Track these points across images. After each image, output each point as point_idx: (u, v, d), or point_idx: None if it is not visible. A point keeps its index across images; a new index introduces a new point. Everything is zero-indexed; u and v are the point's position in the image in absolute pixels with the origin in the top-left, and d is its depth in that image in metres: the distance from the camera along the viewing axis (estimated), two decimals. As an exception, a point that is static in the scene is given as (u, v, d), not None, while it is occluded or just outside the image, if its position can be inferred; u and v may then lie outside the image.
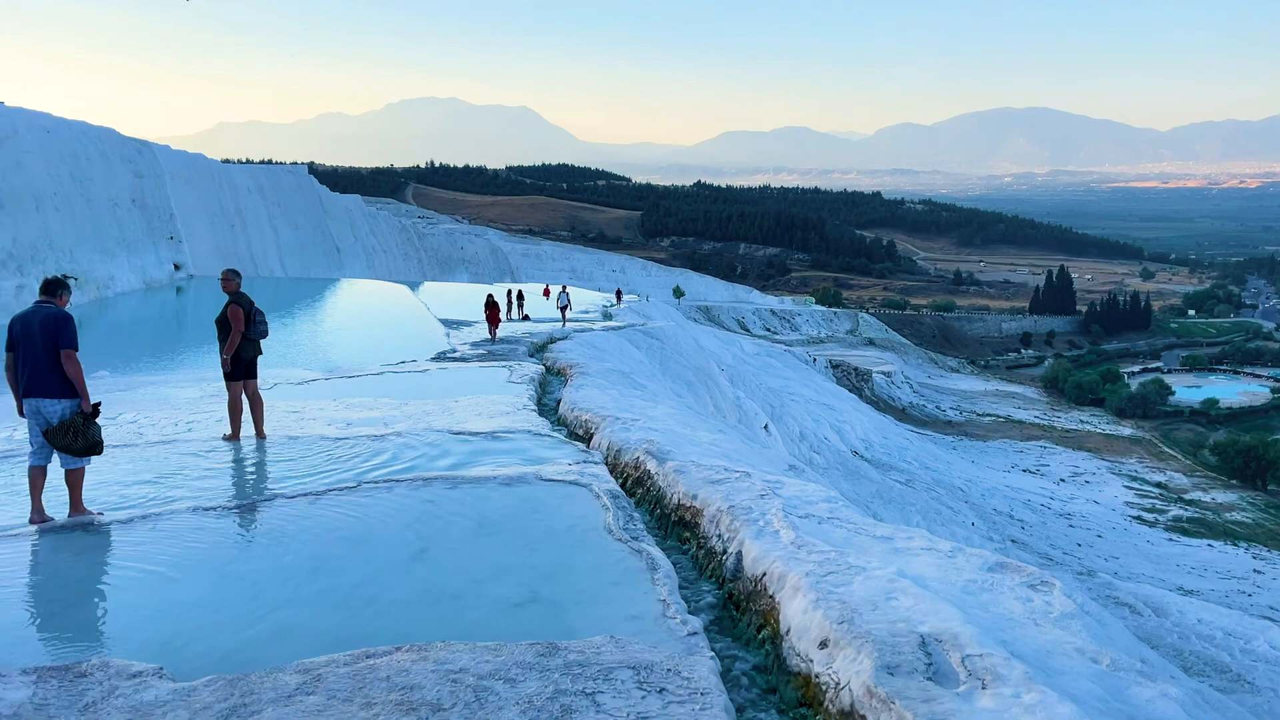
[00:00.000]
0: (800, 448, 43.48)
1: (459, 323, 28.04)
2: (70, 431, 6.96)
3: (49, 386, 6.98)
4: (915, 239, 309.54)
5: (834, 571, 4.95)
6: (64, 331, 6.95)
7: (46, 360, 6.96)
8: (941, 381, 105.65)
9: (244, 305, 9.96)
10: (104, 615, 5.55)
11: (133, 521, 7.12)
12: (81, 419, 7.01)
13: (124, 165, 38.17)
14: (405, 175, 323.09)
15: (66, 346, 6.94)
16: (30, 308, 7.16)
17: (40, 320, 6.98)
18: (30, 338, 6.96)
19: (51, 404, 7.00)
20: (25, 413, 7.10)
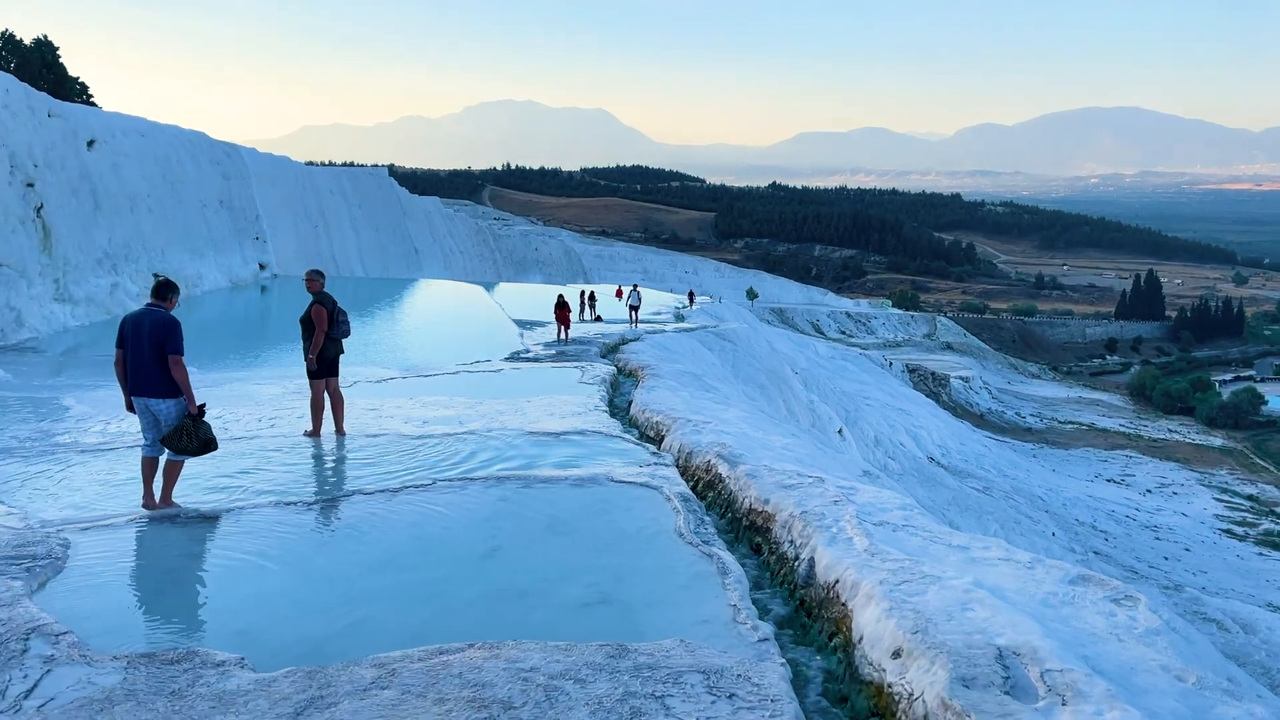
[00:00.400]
0: (875, 453, 42.94)
1: (532, 323, 28.30)
2: (183, 434, 7.31)
3: (156, 387, 7.34)
4: (996, 241, 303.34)
5: (908, 580, 4.87)
6: (171, 337, 7.29)
7: (153, 362, 7.29)
8: (1022, 387, 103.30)
9: (327, 305, 10.19)
10: (190, 605, 5.73)
11: (218, 515, 7.34)
12: (191, 420, 7.35)
13: (213, 167, 39.35)
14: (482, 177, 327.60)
15: (173, 352, 7.29)
16: (141, 309, 7.51)
17: (150, 323, 7.32)
18: (139, 339, 7.31)
19: (159, 403, 7.36)
20: (135, 409, 7.49)
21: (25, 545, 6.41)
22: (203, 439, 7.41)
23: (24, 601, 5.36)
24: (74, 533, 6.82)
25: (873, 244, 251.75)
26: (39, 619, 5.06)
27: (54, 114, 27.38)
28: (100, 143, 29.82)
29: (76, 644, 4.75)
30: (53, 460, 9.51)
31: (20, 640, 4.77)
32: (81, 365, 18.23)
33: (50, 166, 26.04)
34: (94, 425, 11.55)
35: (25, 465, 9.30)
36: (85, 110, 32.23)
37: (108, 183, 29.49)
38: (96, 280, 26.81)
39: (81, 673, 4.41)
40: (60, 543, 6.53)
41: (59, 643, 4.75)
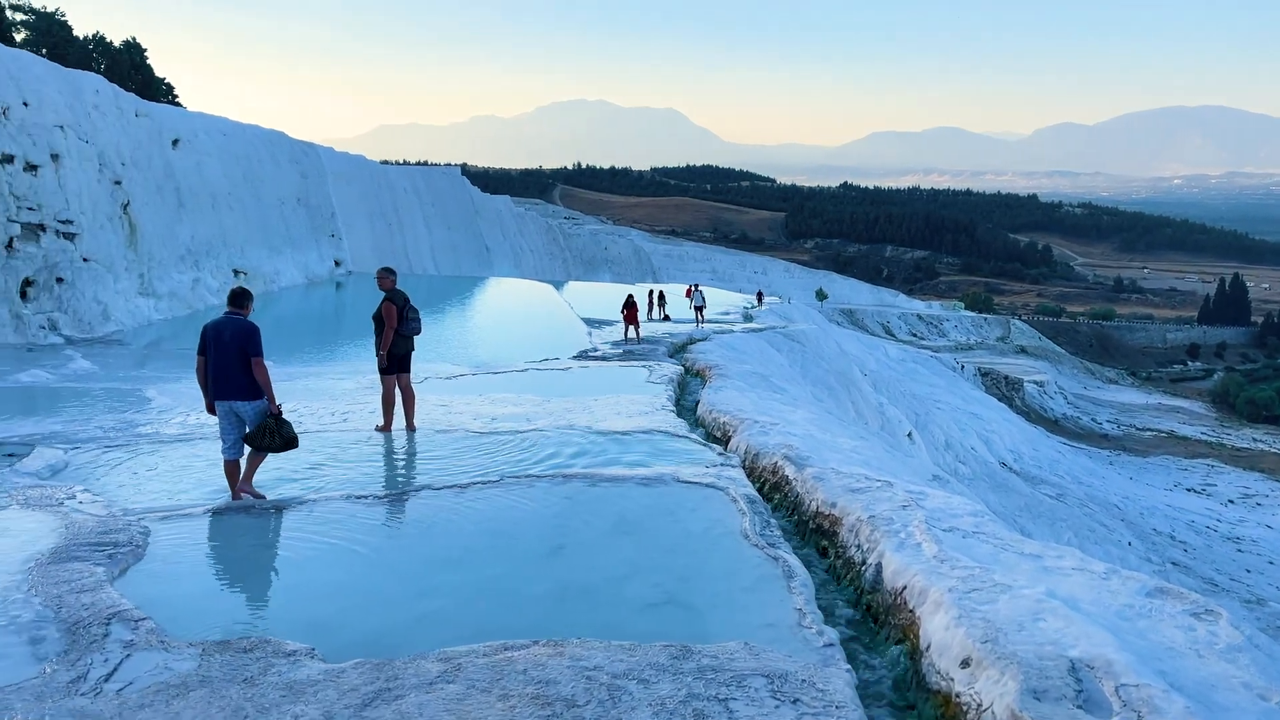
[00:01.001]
0: (945, 457, 42.25)
1: (601, 322, 28.41)
2: (267, 433, 7.70)
3: (239, 389, 7.73)
4: (1073, 243, 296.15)
5: (978, 588, 4.77)
6: (252, 341, 7.71)
7: (237, 366, 7.69)
8: (1098, 393, 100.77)
9: (398, 302, 10.34)
10: (263, 594, 5.86)
11: (291, 507, 7.50)
12: (273, 419, 7.75)
13: (291, 166, 40.27)
14: (553, 176, 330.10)
15: (255, 355, 7.70)
16: (221, 318, 7.88)
17: (231, 330, 7.72)
18: (222, 345, 7.70)
19: (243, 405, 7.74)
20: (217, 412, 7.84)
21: (108, 533, 6.62)
22: (285, 437, 7.78)
23: (106, 587, 5.53)
24: (154, 521, 7.03)
25: (946, 245, 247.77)
26: (120, 604, 5.21)
27: (141, 114, 28.26)
28: (184, 142, 30.71)
29: (155, 630, 4.89)
30: (135, 450, 9.81)
31: (102, 625, 4.92)
32: (163, 358, 18.79)
33: (137, 165, 26.89)
34: (174, 417, 11.90)
35: (109, 454, 9.61)
36: (170, 110, 33.22)
37: (191, 181, 30.35)
38: (179, 275, 27.60)
39: (159, 658, 4.53)
40: (141, 530, 6.73)
41: (138, 628, 4.89)
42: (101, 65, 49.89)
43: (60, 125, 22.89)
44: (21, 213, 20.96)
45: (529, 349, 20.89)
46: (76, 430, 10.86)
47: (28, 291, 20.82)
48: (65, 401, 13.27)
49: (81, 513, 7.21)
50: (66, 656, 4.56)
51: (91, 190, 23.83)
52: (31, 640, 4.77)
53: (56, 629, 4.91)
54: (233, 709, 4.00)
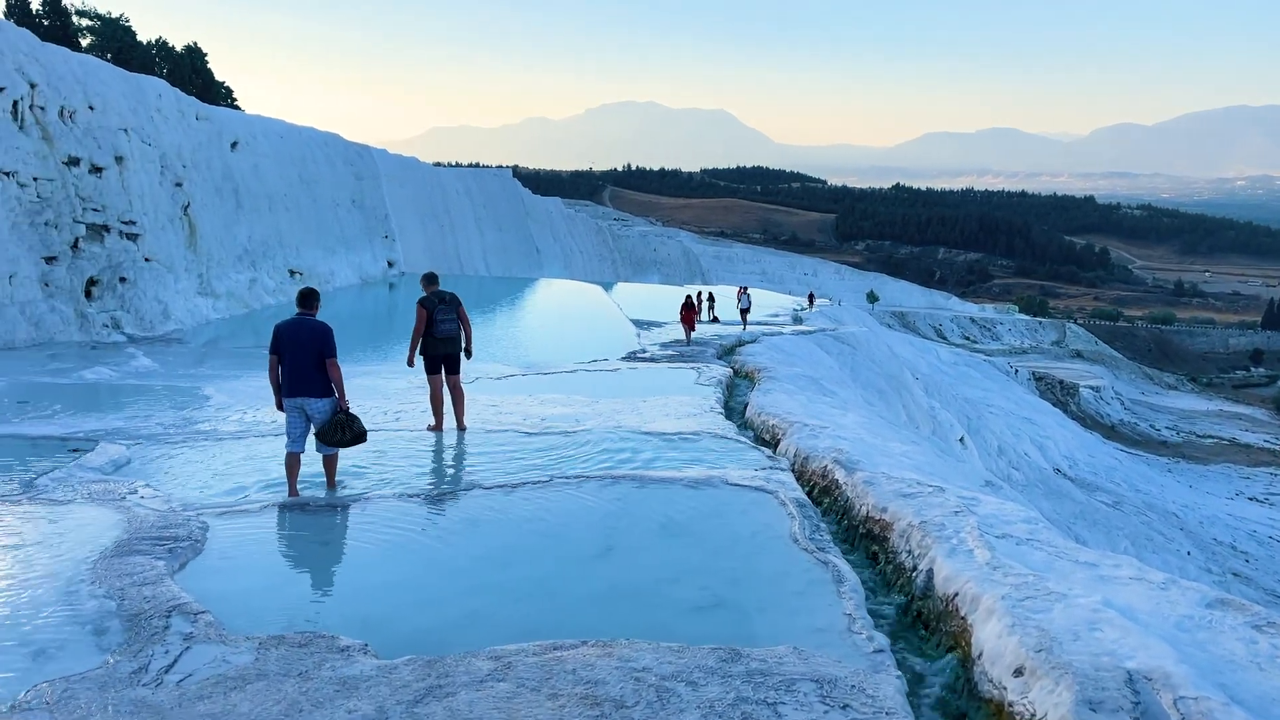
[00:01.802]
0: (998, 463, 41.65)
1: (650, 323, 28.45)
2: (339, 428, 7.97)
3: (313, 388, 7.96)
4: (1131, 246, 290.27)
5: (1032, 596, 4.71)
6: (328, 342, 7.99)
7: (313, 365, 7.93)
8: (1157, 399, 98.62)
9: (428, 306, 10.40)
10: (318, 590, 5.95)
11: (346, 505, 7.62)
12: (344, 416, 8.01)
13: (346, 168, 40.86)
14: (603, 178, 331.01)
15: (331, 355, 7.97)
16: (293, 319, 8.10)
17: (307, 330, 7.97)
18: (298, 345, 7.93)
19: (315, 402, 7.97)
20: (286, 408, 8.04)
21: (168, 527, 6.78)
22: (355, 432, 8.05)
23: (166, 581, 5.66)
24: (212, 516, 7.18)
25: (999, 247, 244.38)
26: (180, 598, 5.34)
27: (201, 117, 28.87)
28: (242, 144, 31.30)
29: (213, 623, 4.99)
30: (194, 446, 10.03)
31: (163, 617, 5.04)
32: (221, 356, 19.18)
33: (197, 167, 27.47)
34: (232, 414, 12.14)
35: (169, 450, 9.84)
36: (229, 113, 33.88)
37: (248, 182, 30.92)
38: (237, 275, 28.14)
39: (217, 651, 4.63)
40: (199, 526, 6.88)
41: (197, 621, 5.01)
42: (164, 69, 51.04)
43: (124, 128, 23.46)
44: (87, 214, 21.51)
45: (578, 350, 20.98)
46: (138, 427, 11.12)
47: (92, 291, 21.36)
48: (128, 398, 13.60)
49: (143, 507, 7.39)
50: (128, 648, 4.68)
51: (153, 192, 24.39)
52: (95, 631, 4.91)
53: (119, 621, 5.04)
54: (288, 703, 4.07)
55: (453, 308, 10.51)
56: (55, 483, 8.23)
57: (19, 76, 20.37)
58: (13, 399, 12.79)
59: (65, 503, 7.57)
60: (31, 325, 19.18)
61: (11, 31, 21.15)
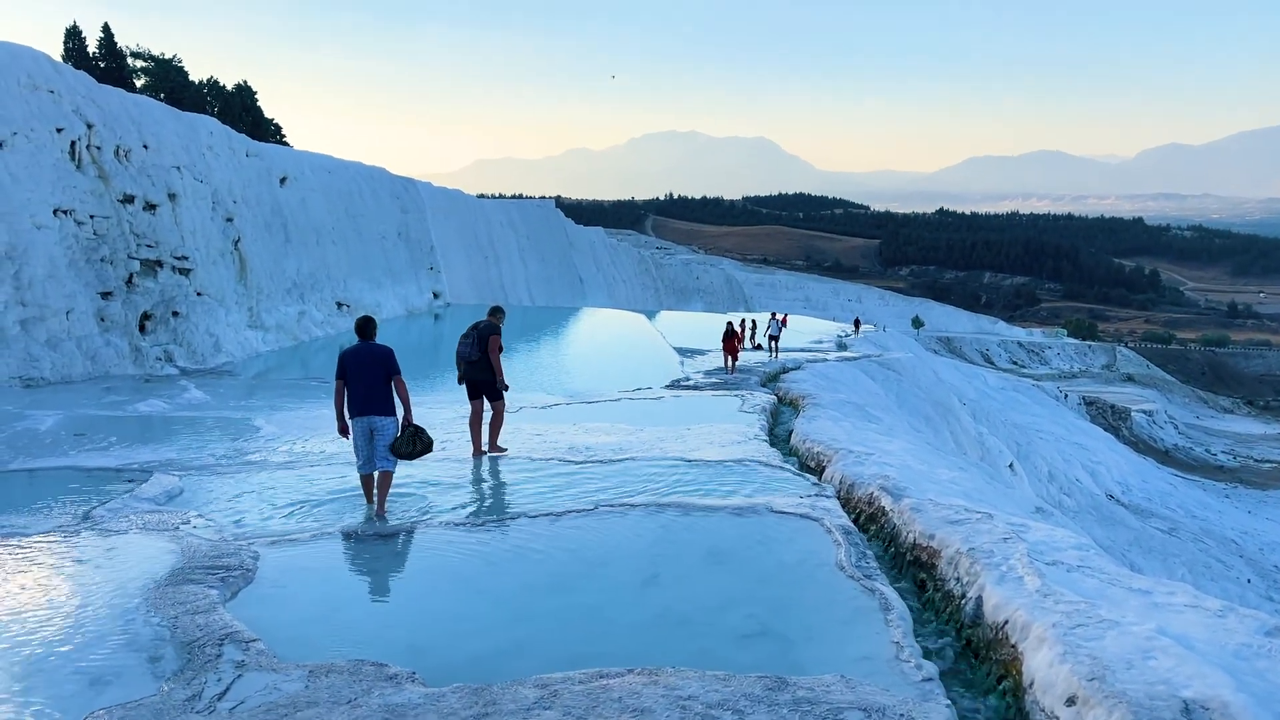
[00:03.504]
0: (1049, 489, 40.95)
1: (693, 351, 28.44)
2: (410, 440, 8.59)
3: (381, 407, 8.54)
4: (1182, 267, 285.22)
5: (1084, 624, 4.62)
6: (391, 361, 8.62)
7: (379, 385, 8.53)
8: (1212, 423, 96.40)
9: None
10: (366, 618, 6.01)
11: (392, 533, 7.70)
12: (414, 428, 8.64)
13: (392, 201, 41.49)
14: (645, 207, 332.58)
15: (397, 374, 8.62)
16: (356, 345, 8.69)
17: (370, 353, 8.57)
18: (364, 368, 8.52)
19: (383, 420, 8.54)
20: (353, 428, 8.58)
21: (220, 556, 6.89)
22: (425, 442, 8.67)
23: (219, 609, 5.76)
24: (263, 546, 7.29)
25: (1046, 270, 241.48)
26: (232, 626, 5.42)
27: (251, 154, 29.53)
28: (291, 179, 31.94)
29: (265, 651, 5.06)
30: (245, 477, 10.19)
31: (215, 645, 5.13)
32: (271, 388, 19.48)
33: (247, 202, 28.07)
34: (281, 445, 12.32)
35: (221, 481, 10.01)
36: (278, 149, 34.61)
37: (297, 217, 31.52)
38: (285, 308, 28.63)
39: (269, 679, 4.69)
40: (251, 555, 6.99)
41: (249, 649, 5.08)
42: (215, 108, 52.34)
43: (177, 166, 24.06)
44: (141, 249, 22.04)
45: (622, 378, 21.03)
46: (191, 458, 11.33)
47: (145, 325, 21.84)
48: (180, 430, 13.86)
49: (195, 537, 7.52)
50: (182, 675, 4.75)
51: (205, 227, 24.95)
52: (151, 659, 5.00)
53: (173, 648, 5.13)
54: (338, 729, 4.11)
55: (475, 334, 10.77)
56: (111, 513, 8.41)
57: (77, 118, 21.00)
58: (70, 432, 13.10)
59: (121, 533, 7.73)
60: (88, 359, 19.65)
61: (70, 74, 21.84)
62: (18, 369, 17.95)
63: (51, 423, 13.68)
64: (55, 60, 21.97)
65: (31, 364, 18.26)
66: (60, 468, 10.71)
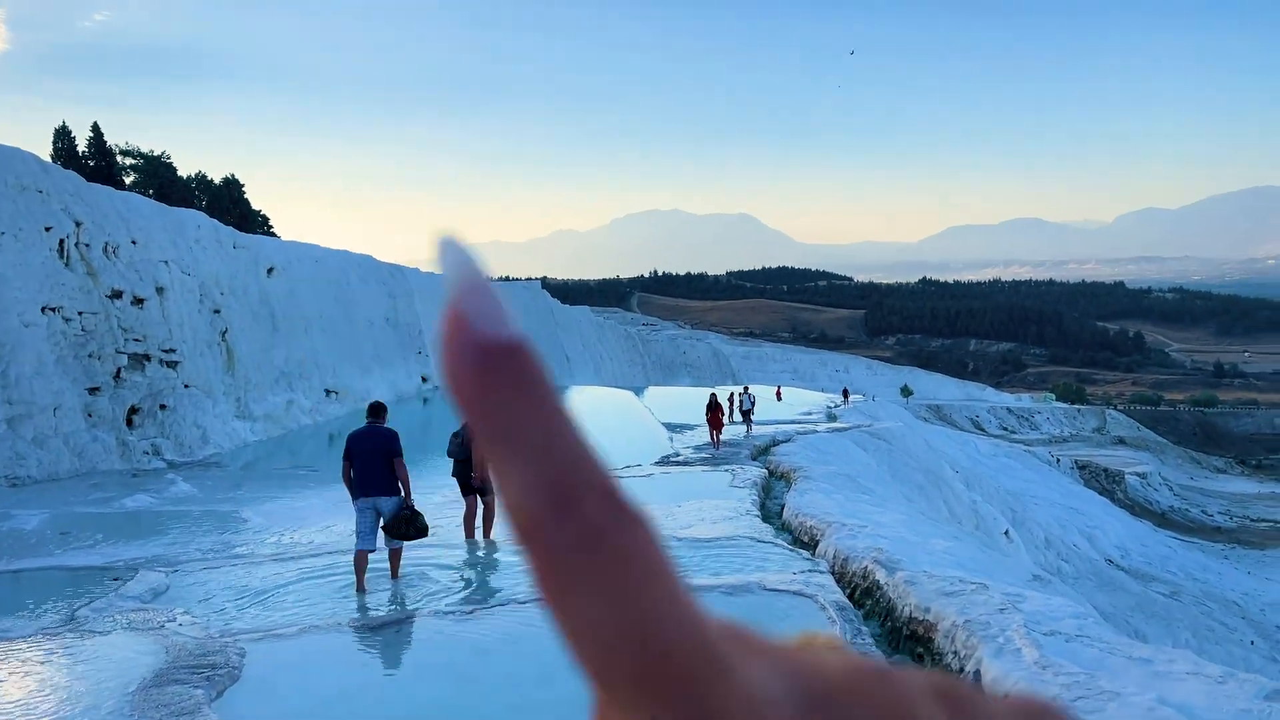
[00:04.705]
0: (1046, 555, 40.64)
1: (682, 426, 28.41)
2: (404, 522, 8.79)
3: (383, 487, 8.83)
4: (1166, 329, 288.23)
5: (1084, 696, 4.58)
6: (394, 444, 8.96)
7: (382, 467, 8.83)
8: (1206, 483, 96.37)
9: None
10: (356, 714, 5.89)
11: (382, 624, 7.58)
12: (409, 511, 8.83)
13: (379, 287, 41.75)
14: (630, 285, 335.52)
15: (398, 455, 8.91)
16: (364, 427, 9.08)
17: (376, 437, 8.94)
18: (367, 450, 8.86)
19: (385, 500, 8.83)
20: (358, 507, 8.88)
21: (206, 655, 6.77)
22: (419, 526, 8.85)
23: (204, 709, 5.63)
24: (249, 642, 7.16)
25: (1031, 336, 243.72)
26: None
27: (239, 245, 29.77)
28: (279, 269, 32.15)
29: (251, 752, 4.95)
30: (232, 571, 10.06)
31: (200, 747, 5.00)
32: (259, 478, 19.35)
33: (234, 293, 28.21)
34: (269, 537, 12.19)
35: (207, 576, 9.87)
36: (266, 240, 34.91)
37: (284, 306, 31.65)
38: (274, 398, 28.58)
39: (255, 781, 4.58)
40: (237, 652, 6.86)
41: (235, 750, 4.96)
42: (203, 201, 52.94)
43: (165, 260, 24.22)
44: (128, 344, 22.06)
45: (611, 456, 20.89)
46: (177, 553, 11.19)
47: (133, 419, 21.74)
48: (167, 524, 13.71)
49: (181, 635, 7.39)
50: (167, 780, 4.63)
51: (192, 320, 25.02)
52: (134, 764, 4.87)
53: (157, 752, 5.00)
54: (326, 833, 4.00)
55: (461, 435, 11.06)
56: (96, 613, 8.27)
57: (65, 216, 21.19)
58: (56, 530, 12.94)
59: (105, 633, 7.59)
60: (75, 455, 19.51)
61: (59, 174, 22.09)
62: (4, 468, 17.80)
63: (37, 522, 13.52)
64: (44, 160, 22.24)
65: (18, 462, 18.11)
66: (46, 567, 10.56)
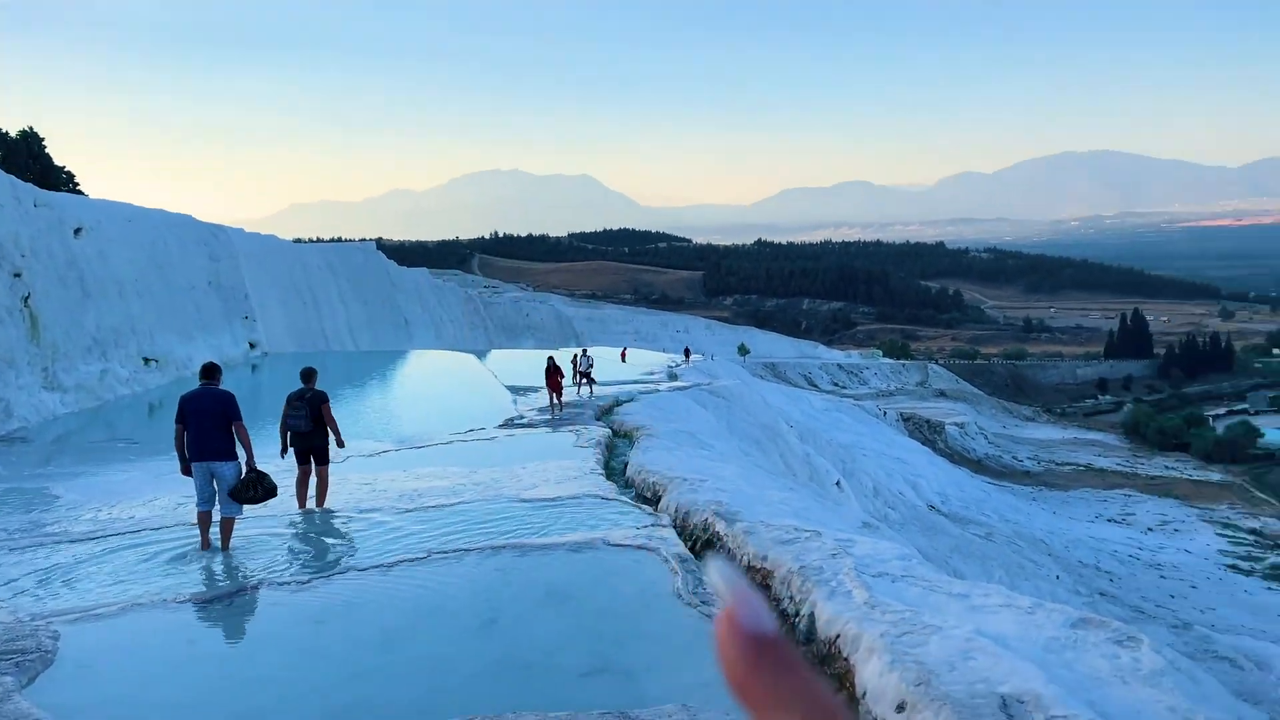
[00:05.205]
0: (874, 503, 42.69)
1: (526, 389, 28.26)
2: (250, 485, 8.60)
3: (219, 452, 8.57)
4: (982, 287, 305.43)
5: (909, 632, 4.82)
6: (232, 406, 8.66)
7: (218, 430, 8.55)
8: (1017, 431, 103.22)
9: (287, 402, 10.52)
10: (185, 691, 5.61)
11: (211, 599, 7.25)
12: (255, 474, 8.64)
13: (200, 249, 39.57)
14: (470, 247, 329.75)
15: (238, 419, 8.65)
16: (197, 389, 8.75)
17: (211, 398, 8.61)
18: (203, 413, 8.54)
19: (222, 465, 8.59)
20: (194, 471, 8.61)
21: (14, 640, 6.31)
22: (266, 487, 8.71)
23: (14, 697, 5.26)
24: (63, 624, 6.71)
25: (860, 295, 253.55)
26: (30, 714, 4.96)
27: (40, 204, 27.58)
28: (87, 230, 30.00)
29: (67, 738, 4.65)
30: (42, 551, 9.40)
31: (9, 737, 4.67)
32: (72, 453, 18.14)
33: (37, 255, 26.16)
34: (84, 514, 11.46)
35: (15, 558, 9.19)
36: (72, 199, 32.48)
37: (95, 269, 29.60)
38: (86, 367, 26.77)
39: (72, 768, 4.31)
40: (50, 635, 6.43)
41: (49, 738, 4.65)
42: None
43: (-45, 219, 22.19)
44: (-85, 310, 20.18)
45: (454, 420, 20.65)
46: (-21, 534, 10.36)
47: (-77, 392, 19.95)
48: (-34, 504, 12.67)
49: (-15, 620, 6.86)
50: (-29, 775, 4.31)
51: (-10, 284, 23.08)
52: (-68, 760, 4.51)
53: (-40, 746, 4.64)
54: (153, 816, 3.81)
55: (306, 405, 10.45)
56: (-116, 602, 7.58)
57: None
58: None
59: (-104, 623, 6.96)
60: None
61: None
62: None
63: None
64: None
65: None
66: None
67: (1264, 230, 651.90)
